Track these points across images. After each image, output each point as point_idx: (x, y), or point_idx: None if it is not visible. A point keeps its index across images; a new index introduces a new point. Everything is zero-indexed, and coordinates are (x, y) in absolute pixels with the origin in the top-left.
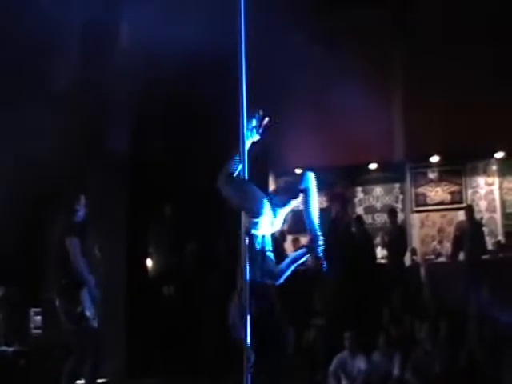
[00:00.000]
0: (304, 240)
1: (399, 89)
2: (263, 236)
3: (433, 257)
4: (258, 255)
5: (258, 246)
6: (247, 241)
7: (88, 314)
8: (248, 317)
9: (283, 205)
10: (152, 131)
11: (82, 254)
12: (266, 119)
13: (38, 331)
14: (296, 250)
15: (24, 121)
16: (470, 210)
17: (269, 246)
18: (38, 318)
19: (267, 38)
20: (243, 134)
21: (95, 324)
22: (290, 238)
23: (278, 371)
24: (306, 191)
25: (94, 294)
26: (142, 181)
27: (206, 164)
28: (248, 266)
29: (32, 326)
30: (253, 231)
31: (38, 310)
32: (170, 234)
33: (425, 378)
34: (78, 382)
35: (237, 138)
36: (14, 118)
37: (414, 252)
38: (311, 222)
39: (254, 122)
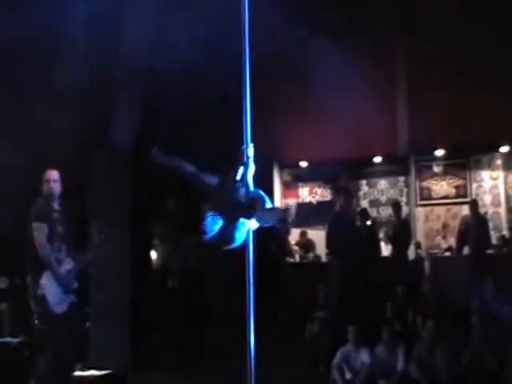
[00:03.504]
0: (309, 233)
1: (404, 82)
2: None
3: (437, 251)
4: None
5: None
6: None
7: (50, 298)
8: None
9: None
10: (156, 124)
11: (54, 237)
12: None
13: None
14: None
15: (29, 115)
16: (474, 204)
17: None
18: None
19: (271, 31)
20: (246, 128)
21: (59, 310)
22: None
23: None
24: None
25: (60, 279)
26: (145, 174)
27: (209, 156)
28: None
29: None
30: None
31: None
32: (173, 227)
33: (428, 373)
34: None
35: (240, 132)
36: (19, 114)
37: (418, 246)
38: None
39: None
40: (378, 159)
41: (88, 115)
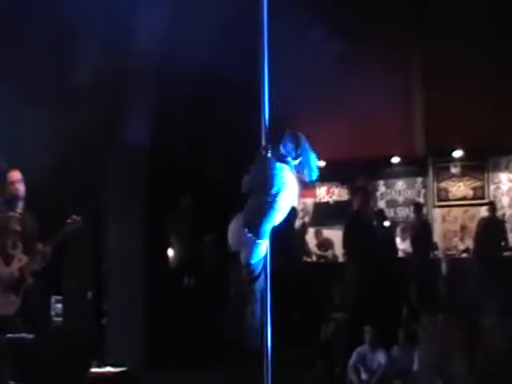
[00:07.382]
0: (326, 232)
1: (422, 82)
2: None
3: (454, 252)
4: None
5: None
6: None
7: None
8: None
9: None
10: (172, 122)
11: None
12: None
13: (59, 319)
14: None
15: (43, 115)
16: (492, 206)
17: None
18: (59, 305)
19: (288, 32)
20: (264, 124)
21: (4, 311)
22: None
23: None
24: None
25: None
26: (161, 171)
27: (225, 154)
28: None
29: (53, 313)
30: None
31: (59, 297)
32: (189, 225)
33: (443, 375)
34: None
35: (257, 129)
36: (31, 114)
37: (435, 247)
38: None
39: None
40: (395, 160)
41: (103, 113)
